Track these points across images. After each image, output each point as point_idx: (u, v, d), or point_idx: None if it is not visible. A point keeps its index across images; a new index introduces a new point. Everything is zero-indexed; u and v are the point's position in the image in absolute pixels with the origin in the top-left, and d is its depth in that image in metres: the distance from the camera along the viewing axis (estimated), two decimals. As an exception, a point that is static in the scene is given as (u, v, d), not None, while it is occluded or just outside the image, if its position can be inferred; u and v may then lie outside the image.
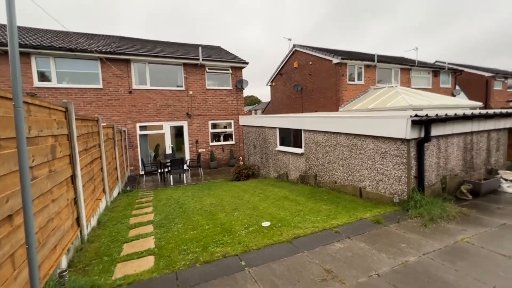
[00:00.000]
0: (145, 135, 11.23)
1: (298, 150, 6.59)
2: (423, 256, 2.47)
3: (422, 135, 3.89)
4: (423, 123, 3.81)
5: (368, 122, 4.50)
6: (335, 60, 13.60)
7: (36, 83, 9.27)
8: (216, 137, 12.65)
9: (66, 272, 2.17)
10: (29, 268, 1.70)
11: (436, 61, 21.82)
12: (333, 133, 5.38)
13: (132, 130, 10.72)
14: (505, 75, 20.86)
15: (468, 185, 4.17)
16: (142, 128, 10.99)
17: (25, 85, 9.02)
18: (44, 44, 9.21)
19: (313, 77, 15.86)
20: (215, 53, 13.54)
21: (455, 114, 4.24)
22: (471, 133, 4.79)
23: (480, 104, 12.62)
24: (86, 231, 3.49)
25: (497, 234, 2.86)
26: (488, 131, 5.09)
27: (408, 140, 3.88)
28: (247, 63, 12.57)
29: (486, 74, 20.29)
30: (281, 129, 7.56)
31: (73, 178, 3.24)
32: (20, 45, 8.38)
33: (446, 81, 18.22)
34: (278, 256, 2.64)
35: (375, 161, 4.45)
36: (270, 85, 21.44)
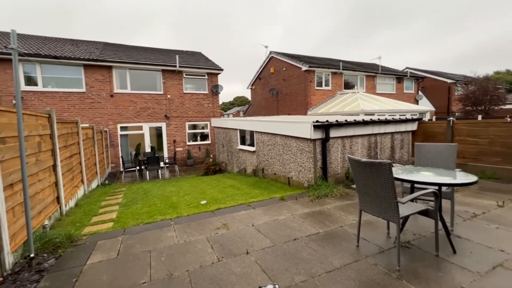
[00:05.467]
0: (126, 135, 12.24)
1: (252, 148, 7.84)
2: (291, 216, 3.73)
3: (324, 136, 5.18)
4: (324, 127, 5.10)
5: (293, 126, 5.77)
6: (304, 68, 14.96)
7: (23, 87, 10.17)
8: (193, 137, 13.78)
9: (47, 225, 3.31)
10: (25, 216, 2.82)
11: (406, 68, 23.57)
12: (274, 134, 6.63)
13: (114, 130, 11.73)
14: (466, 81, 22.73)
15: (362, 174, 5.49)
16: (123, 128, 12.01)
17: (12, 88, 9.92)
18: (30, 51, 10.12)
19: (286, 82, 17.20)
20: (194, 59, 14.67)
21: (354, 120, 5.57)
22: (375, 134, 6.15)
23: (427, 109, 14.22)
24: (64, 208, 4.60)
25: (350, 204, 4.16)
26: (392, 133, 6.47)
27: (314, 140, 5.17)
28: (222, 70, 13.76)
29: (448, 81, 22.13)
30: (241, 130, 8.79)
31: (54, 166, 4.35)
32: (5, 53, 9.31)
33: (409, 87, 19.87)
34: (198, 218, 3.85)
35: (297, 156, 5.73)
36: (251, 89, 22.71)
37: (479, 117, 12.30)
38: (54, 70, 10.71)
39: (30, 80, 10.41)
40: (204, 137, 14.06)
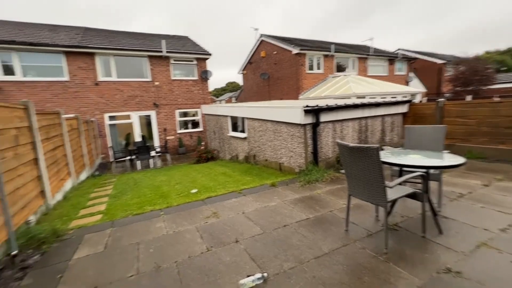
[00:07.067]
0: (114, 125, 11.92)
1: (243, 135, 7.74)
2: (281, 202, 3.73)
3: (315, 120, 5.11)
4: (314, 111, 5.02)
5: (283, 111, 5.67)
6: (295, 51, 14.63)
7: (1, 76, 9.65)
8: (184, 124, 13.55)
9: (31, 220, 3.21)
10: (4, 216, 2.72)
11: (398, 49, 23.33)
12: (264, 120, 6.53)
13: (101, 120, 11.39)
14: (456, 62, 22.67)
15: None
16: (111, 118, 11.68)
17: (-12, 79, 9.38)
18: (5, 38, 9.53)
19: (277, 66, 16.86)
20: (181, 44, 14.13)
21: (345, 104, 5.50)
22: (366, 118, 6.11)
23: (418, 90, 14.25)
24: (51, 202, 4.48)
25: (340, 188, 4.18)
26: (382, 116, 6.45)
27: (304, 125, 5.10)
28: (210, 54, 13.34)
29: (439, 61, 22.07)
30: (231, 117, 8.64)
31: (36, 160, 4.19)
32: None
33: (401, 68, 19.78)
34: (188, 208, 3.81)
35: (288, 141, 5.67)
36: (242, 73, 22.22)
37: (468, 98, 12.40)
38: (33, 58, 10.15)
39: (8, 70, 9.86)
40: (195, 124, 13.85)
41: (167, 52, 12.16)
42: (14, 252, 2.59)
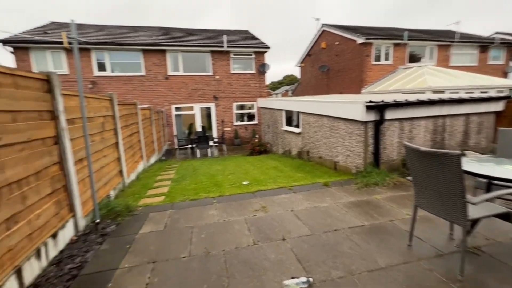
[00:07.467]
0: (180, 115, 13.14)
1: (297, 130, 7.56)
2: (333, 204, 3.50)
3: (378, 118, 4.60)
4: (378, 107, 4.52)
5: (342, 106, 5.29)
6: (360, 40, 13.46)
7: (96, 72, 11.61)
8: (241, 117, 14.04)
9: (111, 195, 3.80)
10: (91, 189, 3.27)
11: (494, 33, 19.17)
12: (320, 115, 6.22)
13: (169, 110, 12.69)
14: None
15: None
16: (177, 109, 12.90)
17: (88, 74, 11.40)
18: (100, 40, 11.37)
19: (339, 57, 15.83)
20: (242, 38, 14.51)
21: (417, 100, 4.78)
22: (443, 116, 5.21)
23: (521, 83, 11.46)
24: (126, 180, 5.23)
25: (405, 196, 3.67)
26: (466, 115, 5.39)
27: (365, 122, 4.65)
28: (269, 48, 13.34)
29: (557, 46, 17.25)
30: (286, 111, 8.52)
31: (117, 144, 4.91)
32: (82, 42, 10.62)
33: (498, 56, 16.27)
34: (239, 199, 3.92)
35: (345, 139, 5.28)
36: (300, 66, 21.65)
37: None
38: (119, 56, 11.90)
39: (101, 66, 11.80)
40: (250, 117, 14.19)
41: (228, 46, 12.65)
42: (97, 220, 3.11)
